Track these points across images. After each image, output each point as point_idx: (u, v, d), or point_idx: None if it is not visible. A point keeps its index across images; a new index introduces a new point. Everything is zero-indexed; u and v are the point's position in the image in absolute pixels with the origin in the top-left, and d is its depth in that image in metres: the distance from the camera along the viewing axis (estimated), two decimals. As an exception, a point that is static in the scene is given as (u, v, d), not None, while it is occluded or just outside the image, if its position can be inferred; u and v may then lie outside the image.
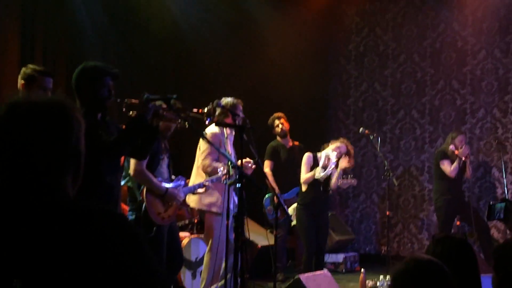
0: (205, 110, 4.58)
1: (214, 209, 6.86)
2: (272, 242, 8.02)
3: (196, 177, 7.03)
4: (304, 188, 7.88)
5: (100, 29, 8.68)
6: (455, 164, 9.15)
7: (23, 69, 5.15)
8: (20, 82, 5.06)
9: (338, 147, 7.81)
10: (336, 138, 11.30)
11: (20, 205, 1.70)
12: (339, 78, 11.78)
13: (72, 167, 1.83)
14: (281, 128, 9.07)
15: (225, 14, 10.36)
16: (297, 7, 10.93)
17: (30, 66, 5.20)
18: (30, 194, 1.72)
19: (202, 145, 6.93)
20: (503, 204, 3.18)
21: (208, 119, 4.55)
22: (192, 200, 6.96)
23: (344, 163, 7.82)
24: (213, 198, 6.87)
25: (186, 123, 4.61)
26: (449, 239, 3.25)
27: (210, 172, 6.73)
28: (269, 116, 9.20)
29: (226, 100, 6.80)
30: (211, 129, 6.70)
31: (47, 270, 1.62)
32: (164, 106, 4.58)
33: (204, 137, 4.24)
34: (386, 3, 11.47)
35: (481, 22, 10.70)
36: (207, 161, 6.79)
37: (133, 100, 4.67)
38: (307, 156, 8.03)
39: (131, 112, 4.66)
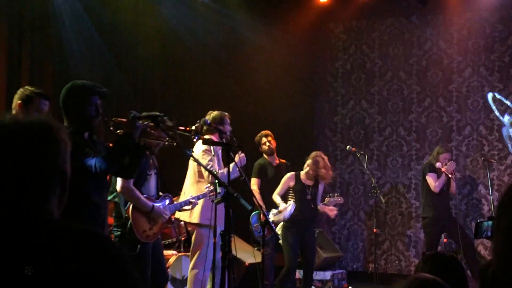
0: (193, 127, 4.57)
1: (206, 222, 6.80)
2: (259, 259, 8.01)
3: (188, 194, 7.00)
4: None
5: (87, 48, 8.66)
6: (441, 179, 9.18)
7: (21, 90, 5.12)
8: (17, 102, 5.02)
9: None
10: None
11: (3, 226, 1.69)
12: (326, 96, 11.83)
13: (58, 188, 1.82)
14: (268, 146, 9.05)
15: (212, 33, 10.36)
16: (284, 25, 10.96)
17: (28, 87, 5.18)
18: (15, 215, 1.71)
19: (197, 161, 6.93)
20: (490, 222, 3.20)
21: (196, 137, 4.55)
22: (182, 214, 6.93)
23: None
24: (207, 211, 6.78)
25: (174, 141, 4.60)
26: (438, 256, 3.26)
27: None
28: (255, 134, 9.19)
29: (213, 114, 6.80)
30: (200, 147, 6.68)
31: None
32: (152, 124, 4.57)
33: (191, 156, 4.22)
34: (372, 21, 11.55)
35: (467, 40, 10.79)
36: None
37: (121, 119, 4.66)
38: (287, 177, 8.14)
39: (118, 130, 4.66)
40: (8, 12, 7.59)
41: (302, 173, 8.11)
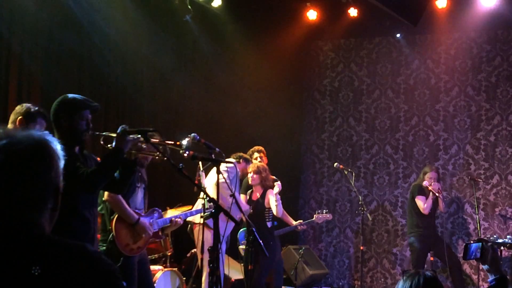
0: (184, 142, 4.57)
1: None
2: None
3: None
4: None
5: (76, 61, 8.66)
6: (429, 200, 9.21)
7: (22, 106, 5.06)
8: (18, 117, 4.97)
9: None
10: (311, 172, 11.44)
11: None
12: (314, 113, 11.87)
13: (50, 202, 1.82)
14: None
15: (201, 50, 10.37)
16: (273, 42, 10.99)
17: (28, 104, 5.14)
18: (5, 228, 1.70)
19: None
20: (479, 244, 3.21)
21: (187, 152, 4.54)
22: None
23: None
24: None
25: (164, 156, 4.59)
26: (418, 275, 3.26)
27: None
28: (243, 150, 9.18)
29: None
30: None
31: None
32: (141, 139, 4.56)
33: (181, 171, 4.21)
34: (361, 40, 11.63)
35: (454, 60, 10.88)
36: None
37: (111, 133, 4.66)
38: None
39: (108, 145, 4.65)
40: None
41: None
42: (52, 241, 1.74)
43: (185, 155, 4.54)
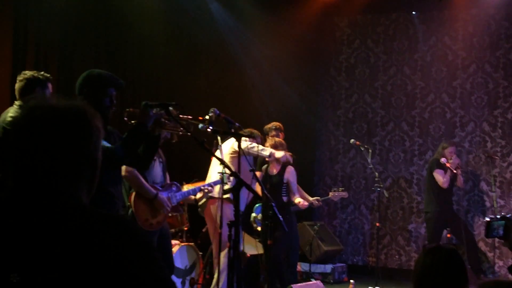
0: (207, 117, 4.55)
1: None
2: (261, 251, 8.02)
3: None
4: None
5: (92, 37, 8.71)
6: (447, 175, 9.20)
7: (23, 73, 5.08)
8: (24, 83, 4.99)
9: None
10: (326, 149, 11.41)
11: (33, 208, 1.68)
12: (330, 89, 11.82)
13: (88, 174, 1.82)
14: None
15: (217, 27, 10.36)
16: (289, 18, 10.95)
17: (29, 72, 5.13)
18: (45, 198, 1.70)
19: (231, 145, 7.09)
20: (502, 222, 3.19)
21: (210, 126, 4.52)
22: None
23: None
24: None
25: (187, 131, 4.56)
26: (439, 249, 3.25)
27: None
28: (259, 126, 9.16)
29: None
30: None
31: (53, 270, 1.61)
32: (165, 114, 4.51)
33: (204, 146, 4.18)
34: (377, 16, 11.54)
35: (472, 36, 10.78)
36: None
37: (135, 109, 4.64)
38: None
39: (132, 121, 4.62)
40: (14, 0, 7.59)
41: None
42: (90, 211, 1.74)
43: (209, 130, 4.52)
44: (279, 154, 7.72)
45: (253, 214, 8.57)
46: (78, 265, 1.61)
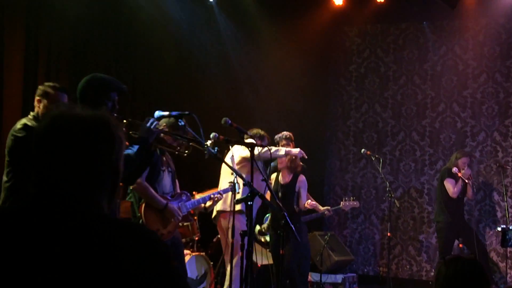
0: (208, 142, 4.48)
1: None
2: (271, 261, 8.00)
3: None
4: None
5: (102, 46, 8.76)
6: (459, 184, 9.16)
7: (39, 87, 5.08)
8: (36, 98, 4.98)
9: None
10: (336, 158, 11.37)
11: (54, 216, 1.69)
12: (340, 99, 11.80)
13: (110, 183, 1.82)
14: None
15: (226, 35, 10.39)
16: (299, 27, 10.95)
17: (46, 83, 5.13)
18: (65, 206, 1.71)
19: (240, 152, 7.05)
20: (517, 230, 3.16)
21: (213, 151, 4.43)
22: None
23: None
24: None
25: (184, 153, 4.47)
26: (461, 260, 3.24)
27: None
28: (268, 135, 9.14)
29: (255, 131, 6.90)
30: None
31: (74, 278, 1.61)
32: (165, 129, 4.43)
33: (217, 156, 4.17)
34: (387, 25, 11.53)
35: (482, 46, 10.76)
36: None
37: (135, 120, 4.59)
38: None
39: (130, 132, 4.57)
40: (26, 6, 7.64)
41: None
42: (111, 220, 1.75)
43: (209, 154, 4.41)
44: (295, 150, 7.61)
45: (258, 227, 8.57)
46: (99, 274, 1.62)
